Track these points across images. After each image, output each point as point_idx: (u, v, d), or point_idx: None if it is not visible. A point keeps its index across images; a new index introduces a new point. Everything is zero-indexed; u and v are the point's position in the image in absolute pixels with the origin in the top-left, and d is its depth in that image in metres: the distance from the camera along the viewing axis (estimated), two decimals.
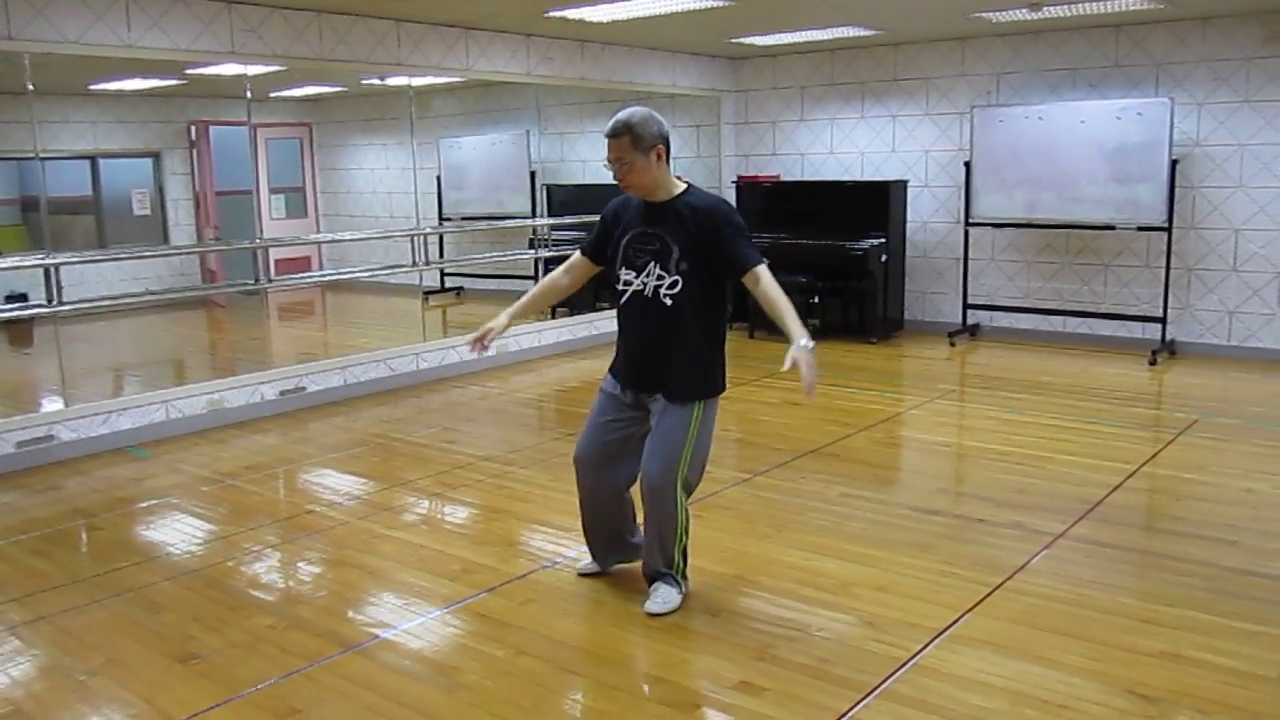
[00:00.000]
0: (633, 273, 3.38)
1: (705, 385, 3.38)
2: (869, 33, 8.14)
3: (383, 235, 9.53)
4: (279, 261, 7.77)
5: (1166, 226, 7.56)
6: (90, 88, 8.85)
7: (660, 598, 3.48)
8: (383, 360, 7.27)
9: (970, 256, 8.73)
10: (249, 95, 6.65)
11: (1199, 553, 3.95)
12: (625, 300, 3.42)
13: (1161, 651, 3.14)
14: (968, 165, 8.39)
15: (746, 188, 9.49)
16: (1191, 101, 7.61)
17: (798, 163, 9.67)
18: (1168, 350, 7.80)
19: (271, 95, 9.53)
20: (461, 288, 10.18)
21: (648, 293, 3.34)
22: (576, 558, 3.94)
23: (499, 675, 3.09)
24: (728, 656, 3.16)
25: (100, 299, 7.07)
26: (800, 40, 8.56)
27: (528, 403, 7.05)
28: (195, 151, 9.65)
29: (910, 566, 3.85)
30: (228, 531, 4.45)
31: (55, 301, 5.71)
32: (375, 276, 8.33)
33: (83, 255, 7.54)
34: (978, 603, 3.51)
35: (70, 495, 5.04)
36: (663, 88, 9.11)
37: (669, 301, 3.32)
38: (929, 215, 9.02)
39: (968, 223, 8.53)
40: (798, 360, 3.08)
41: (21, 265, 6.28)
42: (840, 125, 9.38)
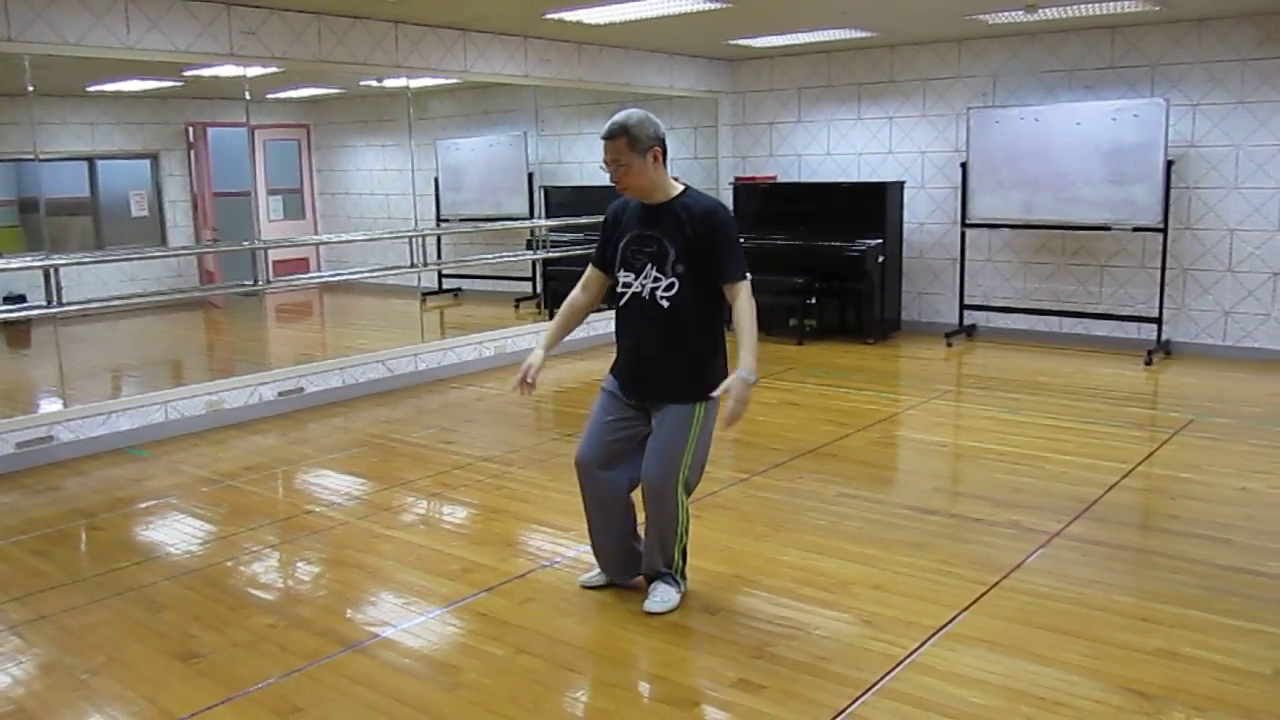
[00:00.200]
0: (631, 275, 3.39)
1: (705, 386, 3.37)
2: (865, 34, 8.17)
3: (381, 236, 9.55)
4: (277, 263, 7.79)
5: (1162, 227, 7.60)
6: (88, 89, 8.85)
7: (659, 597, 3.50)
8: (381, 361, 7.28)
9: (967, 257, 8.76)
10: (248, 97, 6.66)
11: (1194, 551, 3.98)
12: (624, 303, 3.43)
13: (1157, 649, 3.16)
14: (964, 166, 8.42)
15: (744, 189, 9.51)
16: (1187, 103, 7.64)
17: (795, 164, 9.69)
18: (1163, 350, 7.83)
19: (269, 97, 9.54)
20: (459, 289, 10.20)
21: (645, 295, 3.35)
22: (576, 558, 3.96)
23: (499, 673, 3.11)
24: (726, 655, 3.18)
25: (99, 300, 7.08)
26: (797, 42, 8.58)
27: (526, 403, 7.06)
28: (193, 153, 9.65)
29: (907, 565, 3.87)
30: (228, 531, 4.46)
31: (55, 302, 5.72)
32: (373, 277, 8.34)
33: (82, 256, 7.54)
34: (974, 601, 3.53)
35: (70, 495, 5.05)
36: (660, 89, 9.13)
37: (666, 304, 3.33)
38: (925, 216, 9.05)
39: (964, 224, 8.56)
40: (731, 389, 3.16)
41: (21, 266, 6.29)
42: (837, 126, 9.40)
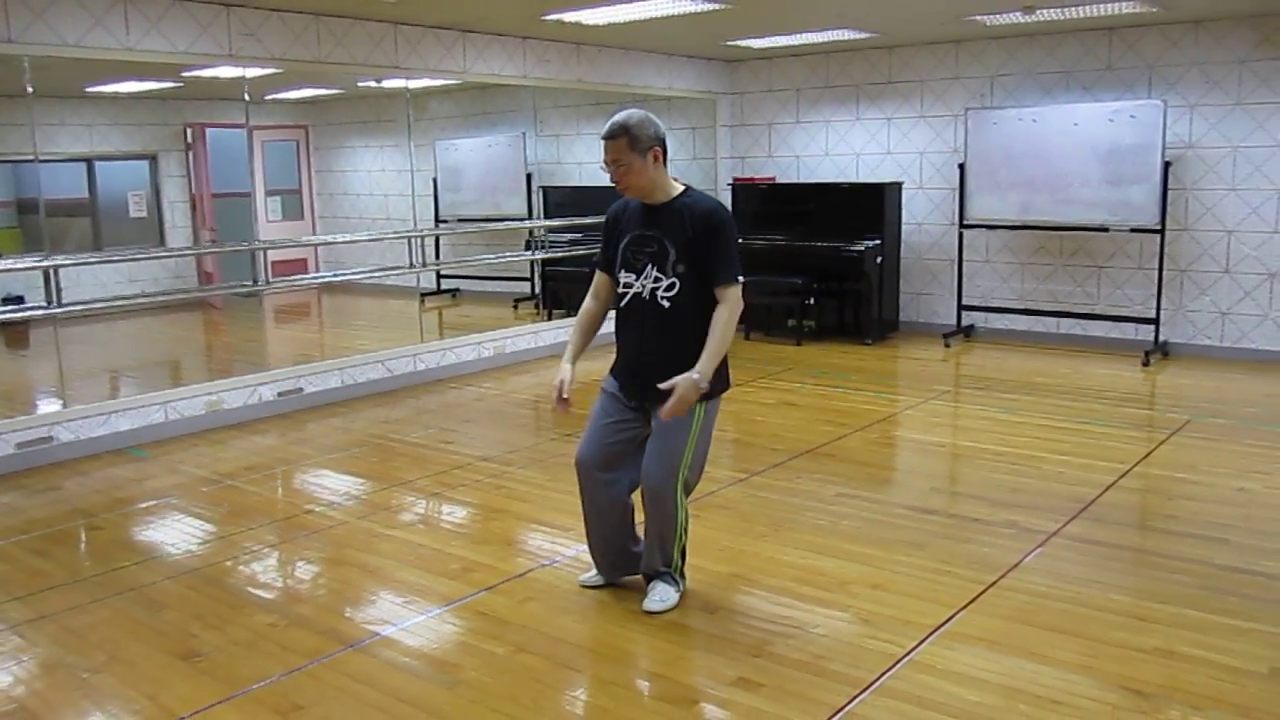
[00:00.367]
0: (631, 275, 3.39)
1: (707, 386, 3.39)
2: (864, 35, 8.19)
3: (379, 237, 9.56)
4: (275, 263, 7.79)
5: (1159, 228, 7.62)
6: (87, 90, 8.86)
7: (658, 596, 3.51)
8: (380, 361, 7.29)
9: (965, 258, 8.78)
10: (247, 98, 6.67)
11: (1191, 551, 3.99)
12: (624, 303, 3.44)
13: (1154, 648, 3.18)
14: (962, 167, 8.43)
15: (742, 190, 9.53)
16: (1184, 104, 7.66)
17: (793, 165, 9.71)
18: (1161, 351, 7.85)
19: (268, 98, 9.55)
20: (458, 289, 10.21)
21: (645, 295, 3.36)
22: (575, 557, 3.97)
23: (499, 672, 3.12)
24: (725, 653, 3.19)
25: (99, 301, 7.09)
26: (795, 43, 8.60)
27: (525, 404, 7.07)
28: (191, 154, 9.67)
29: (906, 565, 3.89)
30: (227, 531, 4.47)
31: (54, 303, 5.73)
32: (372, 278, 8.35)
33: (82, 257, 7.54)
34: (972, 600, 3.55)
35: (70, 495, 5.06)
36: (659, 90, 9.14)
37: (666, 304, 3.33)
38: (924, 217, 9.06)
39: (962, 224, 8.58)
40: (677, 384, 3.18)
41: (22, 267, 6.29)
42: (835, 127, 9.42)
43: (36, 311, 5.96)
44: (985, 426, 5.98)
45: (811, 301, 8.75)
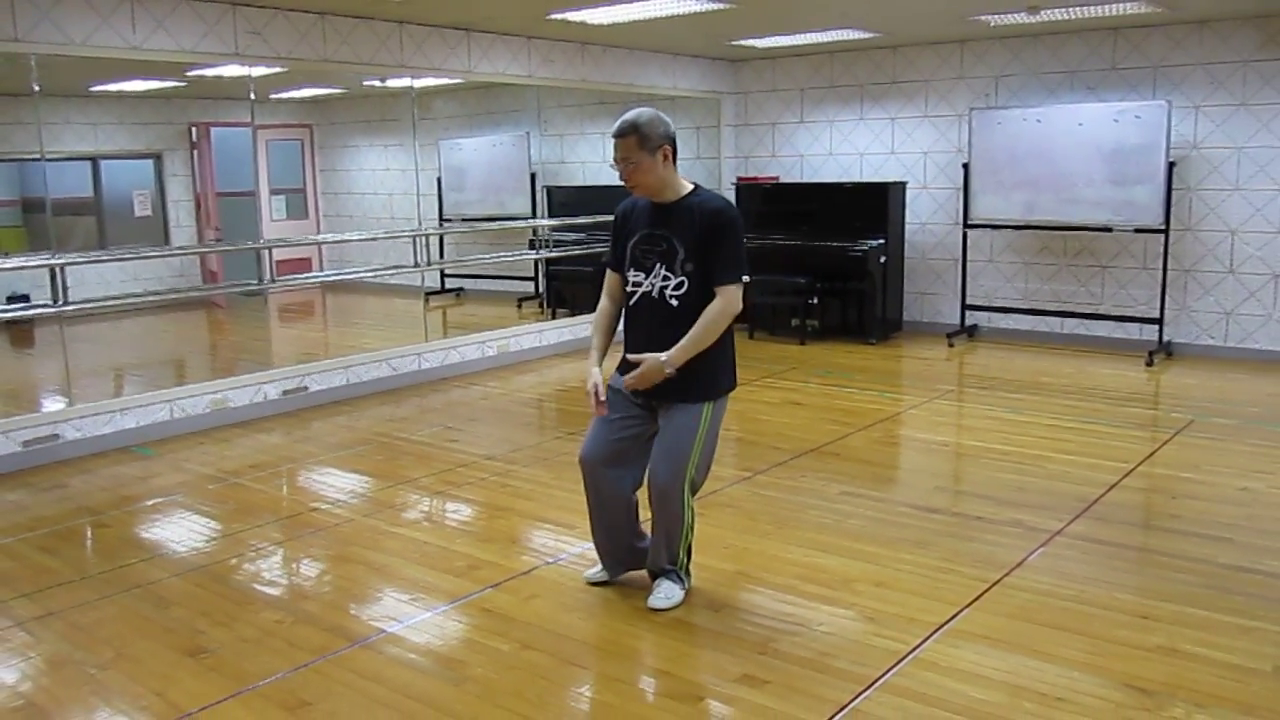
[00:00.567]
0: (641, 274, 3.40)
1: (713, 385, 3.39)
2: (868, 35, 8.20)
3: (384, 236, 9.58)
4: (280, 262, 7.81)
5: (1164, 228, 7.62)
6: (91, 89, 8.88)
7: (663, 593, 3.52)
8: (385, 360, 7.31)
9: (968, 258, 8.79)
10: (253, 97, 6.69)
11: (1195, 550, 4.00)
12: (633, 302, 3.44)
13: (1158, 646, 3.19)
14: (966, 167, 8.44)
15: (746, 189, 9.54)
16: (1188, 104, 7.66)
17: (797, 164, 9.72)
18: (1165, 351, 7.85)
19: (272, 97, 9.58)
20: (462, 288, 10.23)
21: (654, 294, 3.36)
22: (580, 554, 3.98)
23: (505, 669, 3.13)
24: (730, 650, 3.20)
25: (105, 299, 7.10)
26: (800, 43, 8.61)
27: (529, 402, 7.09)
28: (196, 153, 9.68)
29: (910, 563, 3.89)
30: (234, 529, 4.49)
31: (61, 302, 5.75)
32: (376, 277, 8.36)
33: (89, 256, 7.56)
34: (976, 598, 3.56)
35: (76, 493, 5.08)
36: (663, 90, 9.15)
37: (675, 303, 3.33)
38: (927, 217, 9.07)
39: (966, 224, 8.58)
40: (644, 360, 3.25)
41: (31, 265, 6.31)
42: (839, 127, 9.43)
43: (44, 310, 5.98)
44: (989, 426, 5.99)
45: (815, 301, 8.76)
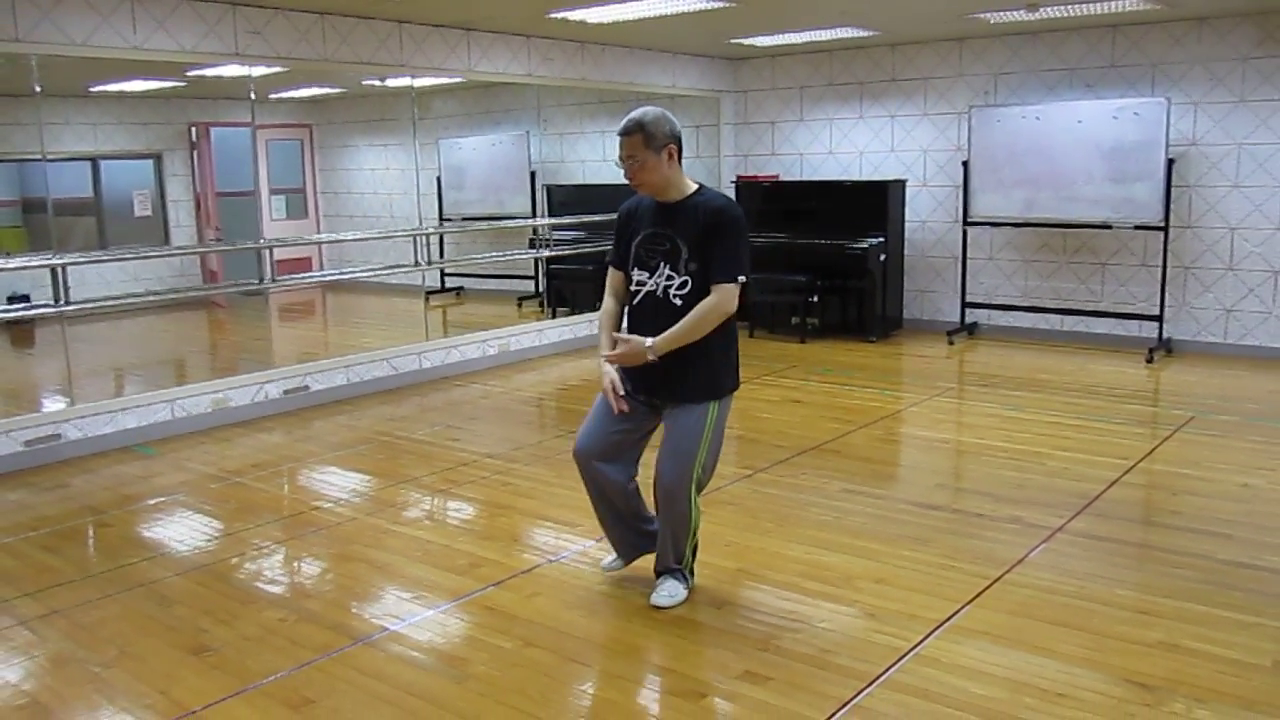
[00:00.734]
0: (645, 273, 3.40)
1: (718, 385, 3.39)
2: (867, 33, 8.20)
3: (384, 235, 9.58)
4: (280, 262, 7.81)
5: (1163, 225, 7.63)
6: (91, 89, 8.88)
7: (666, 591, 3.53)
8: (385, 359, 7.32)
9: (968, 255, 8.79)
10: (252, 96, 6.69)
11: (1195, 546, 4.01)
12: (637, 301, 3.44)
13: (1158, 641, 3.20)
14: (966, 165, 8.45)
15: (745, 187, 9.54)
16: (1188, 101, 7.67)
17: (797, 162, 9.72)
18: (1164, 348, 7.85)
19: (272, 96, 9.57)
20: (462, 288, 10.23)
21: (659, 293, 3.36)
22: (582, 551, 3.99)
23: (507, 666, 3.14)
24: (732, 647, 3.21)
25: (105, 299, 7.10)
26: (799, 41, 8.62)
27: (530, 401, 7.10)
28: (196, 153, 9.69)
29: (910, 560, 3.90)
30: (235, 528, 4.50)
31: (62, 302, 5.75)
32: (376, 276, 8.37)
33: (90, 256, 7.56)
34: (977, 595, 3.57)
35: (78, 493, 5.09)
36: (663, 88, 9.16)
37: (679, 302, 3.33)
38: (927, 214, 9.08)
39: (966, 222, 8.59)
40: (629, 340, 3.29)
41: (33, 265, 6.31)
42: (839, 125, 9.43)
43: (45, 310, 5.98)
44: (989, 423, 5.99)
45: (815, 299, 8.77)
